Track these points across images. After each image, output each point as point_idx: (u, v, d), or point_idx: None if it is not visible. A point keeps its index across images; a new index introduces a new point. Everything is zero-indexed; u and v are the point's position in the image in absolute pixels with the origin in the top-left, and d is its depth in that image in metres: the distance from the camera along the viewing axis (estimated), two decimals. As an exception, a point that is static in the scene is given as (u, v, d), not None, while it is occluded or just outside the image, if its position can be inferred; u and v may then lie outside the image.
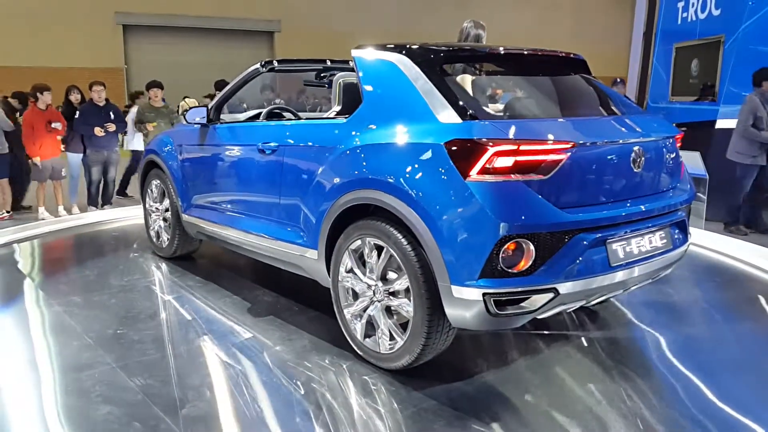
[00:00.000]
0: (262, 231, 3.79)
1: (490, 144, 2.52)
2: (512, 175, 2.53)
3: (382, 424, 2.61)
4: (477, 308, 2.54)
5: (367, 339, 3.04)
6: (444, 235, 2.57)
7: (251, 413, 2.69)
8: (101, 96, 7.64)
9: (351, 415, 2.67)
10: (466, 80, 3.53)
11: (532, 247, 2.51)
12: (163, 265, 4.96)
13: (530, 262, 2.52)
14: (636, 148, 2.85)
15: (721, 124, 7.67)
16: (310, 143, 3.43)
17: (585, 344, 3.41)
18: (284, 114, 4.59)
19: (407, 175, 2.74)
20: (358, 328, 3.07)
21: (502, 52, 3.28)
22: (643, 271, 2.89)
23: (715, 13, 8.18)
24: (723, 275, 5.00)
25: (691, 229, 5.80)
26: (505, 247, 2.49)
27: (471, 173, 2.53)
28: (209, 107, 4.39)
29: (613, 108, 3.33)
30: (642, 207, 2.87)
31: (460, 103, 2.75)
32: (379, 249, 2.89)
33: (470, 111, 2.71)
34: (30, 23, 22.09)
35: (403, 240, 2.74)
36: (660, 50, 9.45)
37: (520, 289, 2.53)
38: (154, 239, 5.13)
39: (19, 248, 5.64)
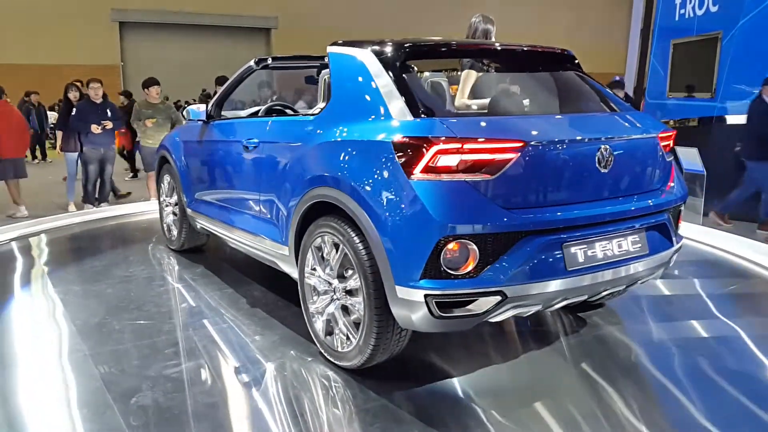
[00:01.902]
0: (246, 226, 3.86)
1: (433, 142, 2.45)
2: (456, 175, 2.46)
3: (318, 419, 2.60)
4: (421, 310, 2.47)
5: (328, 336, 3.03)
6: (388, 235, 2.53)
7: (197, 403, 2.72)
8: (98, 93, 7.62)
9: (294, 408, 2.67)
10: (470, 75, 3.49)
11: (476, 248, 2.43)
12: (172, 258, 5.09)
13: (474, 264, 2.44)
14: (603, 147, 2.71)
15: (719, 120, 7.67)
16: (284, 140, 3.45)
17: (565, 346, 3.29)
18: (286, 111, 4.61)
19: (359, 173, 2.71)
20: (320, 325, 3.07)
21: (475, 48, 3.23)
22: (611, 277, 2.73)
23: (713, 9, 8.17)
24: (720, 271, 4.98)
25: (689, 226, 5.77)
26: (447, 248, 2.42)
27: (414, 172, 2.48)
28: (209, 105, 4.47)
29: (593, 105, 3.22)
30: (608, 209, 2.73)
31: (415, 100, 2.70)
32: (337, 247, 2.87)
33: (423, 109, 2.66)
34: (26, 21, 22.02)
35: (355, 238, 2.70)
36: (658, 47, 9.44)
37: (463, 292, 2.45)
38: (166, 232, 5.33)
39: (44, 238, 5.92)
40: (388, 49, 2.95)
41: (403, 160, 2.52)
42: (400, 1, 25.62)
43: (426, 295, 2.44)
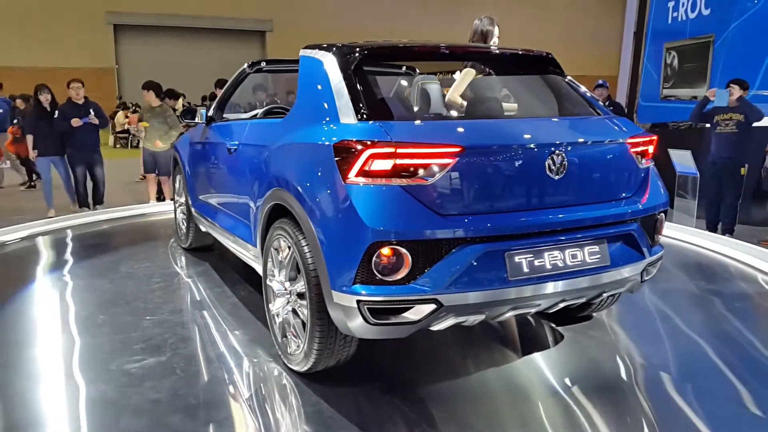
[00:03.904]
0: (229, 227, 3.95)
1: (366, 146, 2.42)
2: (391, 179, 2.41)
3: (257, 419, 2.61)
4: (357, 315, 2.42)
5: (284, 338, 3.04)
6: (325, 238, 2.52)
7: (143, 397, 2.76)
8: (79, 93, 7.52)
9: (232, 407, 2.70)
10: (468, 74, 3.47)
11: (408, 255, 2.37)
12: (180, 256, 5.22)
13: (408, 271, 2.38)
14: (555, 153, 2.59)
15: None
16: (257, 142, 3.50)
17: (532, 358, 3.16)
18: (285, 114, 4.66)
19: (304, 176, 2.72)
20: (277, 326, 3.08)
21: (440, 51, 3.17)
22: (563, 288, 2.59)
23: (705, 12, 8.24)
24: (716, 275, 4.98)
25: (683, 227, 5.73)
26: (379, 253, 2.37)
27: (349, 176, 2.45)
28: (209, 108, 4.59)
29: (564, 109, 3.13)
30: (558, 218, 2.59)
31: (363, 103, 2.66)
32: (289, 249, 2.88)
33: (369, 112, 2.62)
34: (20, 23, 21.96)
35: (302, 241, 2.69)
36: (651, 50, 9.50)
37: (395, 298, 2.39)
38: (178, 231, 5.49)
39: (69, 233, 6.18)
40: (347, 53, 2.90)
41: (340, 163, 2.50)
42: (394, 4, 25.68)
43: (358, 301, 2.40)
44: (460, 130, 2.65)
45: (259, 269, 3.45)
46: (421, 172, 2.42)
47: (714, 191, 6.66)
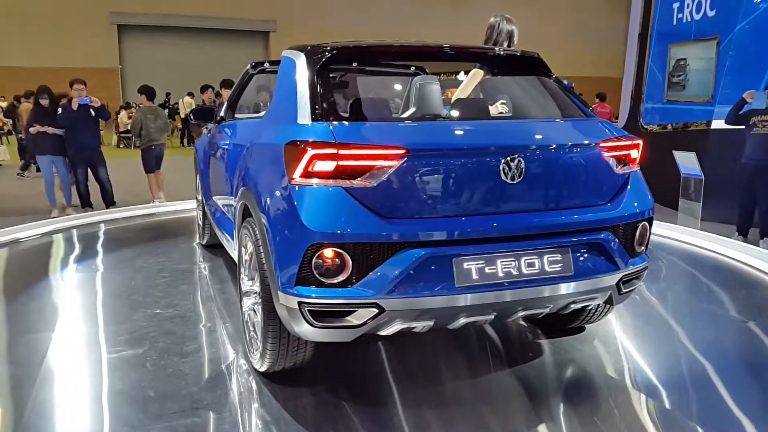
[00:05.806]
0: (221, 224, 4.05)
1: (311, 146, 2.41)
2: (333, 181, 2.39)
3: (202, 415, 2.62)
4: (301, 317, 2.41)
5: (248, 337, 3.04)
6: (272, 238, 2.52)
7: (111, 390, 2.83)
8: (82, 95, 7.57)
9: (190, 402, 2.71)
10: (476, 75, 3.43)
11: (348, 257, 2.35)
12: (197, 252, 5.36)
13: (348, 274, 2.36)
14: (510, 156, 2.49)
15: (717, 124, 7.68)
16: (240, 142, 3.54)
17: (509, 370, 3.05)
18: None
19: (262, 176, 2.77)
20: (244, 325, 3.08)
21: (415, 52, 3.16)
22: (518, 297, 2.49)
23: (710, 14, 8.19)
24: (722, 277, 4.95)
25: (688, 230, 5.68)
26: (319, 255, 2.35)
27: (294, 176, 2.44)
28: (220, 108, 4.69)
29: (542, 109, 3.07)
30: (513, 224, 2.51)
31: (318, 104, 2.64)
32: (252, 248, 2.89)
33: (322, 113, 2.60)
34: (25, 23, 22.02)
35: (259, 240, 2.69)
36: (655, 51, 9.46)
37: (336, 301, 2.37)
38: (197, 228, 5.66)
39: (102, 227, 6.47)
40: (316, 53, 2.88)
41: (288, 163, 2.49)
42: (398, 4, 25.68)
43: (300, 302, 2.39)
44: (410, 132, 2.62)
45: None
46: (364, 173, 2.39)
47: (747, 194, 6.40)
